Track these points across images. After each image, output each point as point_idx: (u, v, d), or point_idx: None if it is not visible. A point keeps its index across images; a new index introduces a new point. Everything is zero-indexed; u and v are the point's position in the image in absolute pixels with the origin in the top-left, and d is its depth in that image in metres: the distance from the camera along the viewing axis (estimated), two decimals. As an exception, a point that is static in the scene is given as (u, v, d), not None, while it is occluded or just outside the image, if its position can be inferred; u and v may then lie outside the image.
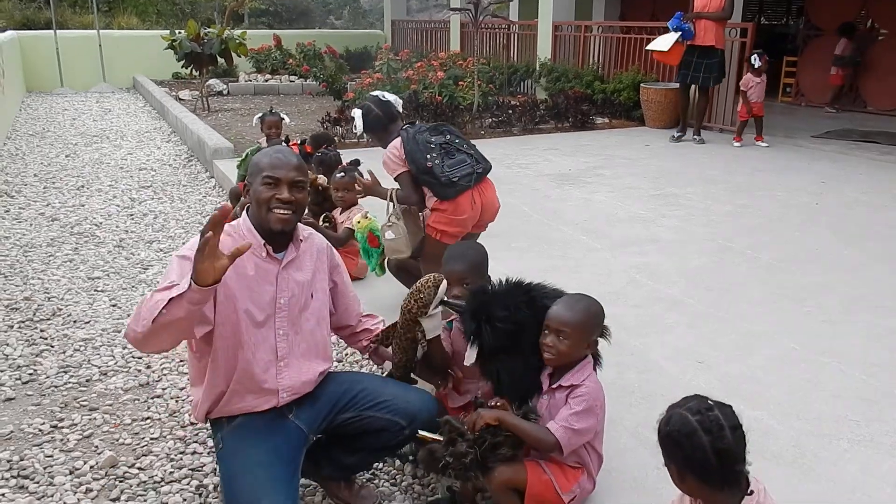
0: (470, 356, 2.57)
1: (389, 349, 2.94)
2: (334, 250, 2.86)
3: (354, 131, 4.11)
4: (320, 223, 4.90)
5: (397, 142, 3.90)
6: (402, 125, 3.99)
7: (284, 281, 2.58)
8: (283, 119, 6.61)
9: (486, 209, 3.99)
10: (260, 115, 6.69)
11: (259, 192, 2.50)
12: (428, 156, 3.79)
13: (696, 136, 9.82)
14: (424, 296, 2.67)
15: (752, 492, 1.87)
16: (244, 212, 2.61)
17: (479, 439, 2.42)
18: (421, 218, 4.07)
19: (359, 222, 4.27)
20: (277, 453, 2.52)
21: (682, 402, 1.94)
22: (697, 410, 1.87)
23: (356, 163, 5.00)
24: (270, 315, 2.56)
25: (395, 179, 3.96)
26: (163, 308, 2.20)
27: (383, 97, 4.01)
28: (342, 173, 4.83)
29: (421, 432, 2.57)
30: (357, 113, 4.02)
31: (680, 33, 9.27)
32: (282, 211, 2.49)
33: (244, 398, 2.57)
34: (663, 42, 9.42)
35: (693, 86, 9.77)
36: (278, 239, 2.57)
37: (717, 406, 1.89)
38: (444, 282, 2.72)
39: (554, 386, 2.49)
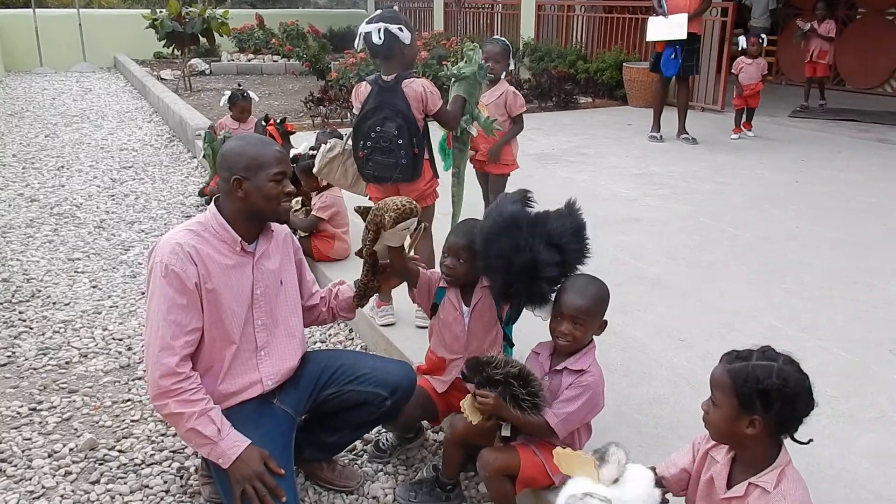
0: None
1: (346, 294, 2.91)
2: (293, 236, 2.86)
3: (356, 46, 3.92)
4: (298, 206, 4.85)
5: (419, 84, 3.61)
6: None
7: (259, 272, 2.60)
8: (253, 98, 6.62)
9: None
10: (228, 95, 6.65)
11: (268, 189, 2.50)
12: (360, 143, 3.65)
13: (685, 135, 8.62)
14: (383, 220, 2.63)
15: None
16: (213, 203, 2.58)
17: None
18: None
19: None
20: (270, 439, 2.54)
21: (770, 355, 2.07)
22: (798, 370, 2.08)
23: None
24: (249, 307, 2.58)
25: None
26: (182, 432, 2.47)
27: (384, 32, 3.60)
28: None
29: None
30: (362, 28, 3.66)
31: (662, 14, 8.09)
32: (288, 203, 2.59)
33: (233, 392, 2.58)
34: (677, 28, 7.99)
35: (672, 78, 8.53)
36: (252, 230, 2.59)
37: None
38: (411, 221, 2.67)
39: (559, 368, 2.51)
